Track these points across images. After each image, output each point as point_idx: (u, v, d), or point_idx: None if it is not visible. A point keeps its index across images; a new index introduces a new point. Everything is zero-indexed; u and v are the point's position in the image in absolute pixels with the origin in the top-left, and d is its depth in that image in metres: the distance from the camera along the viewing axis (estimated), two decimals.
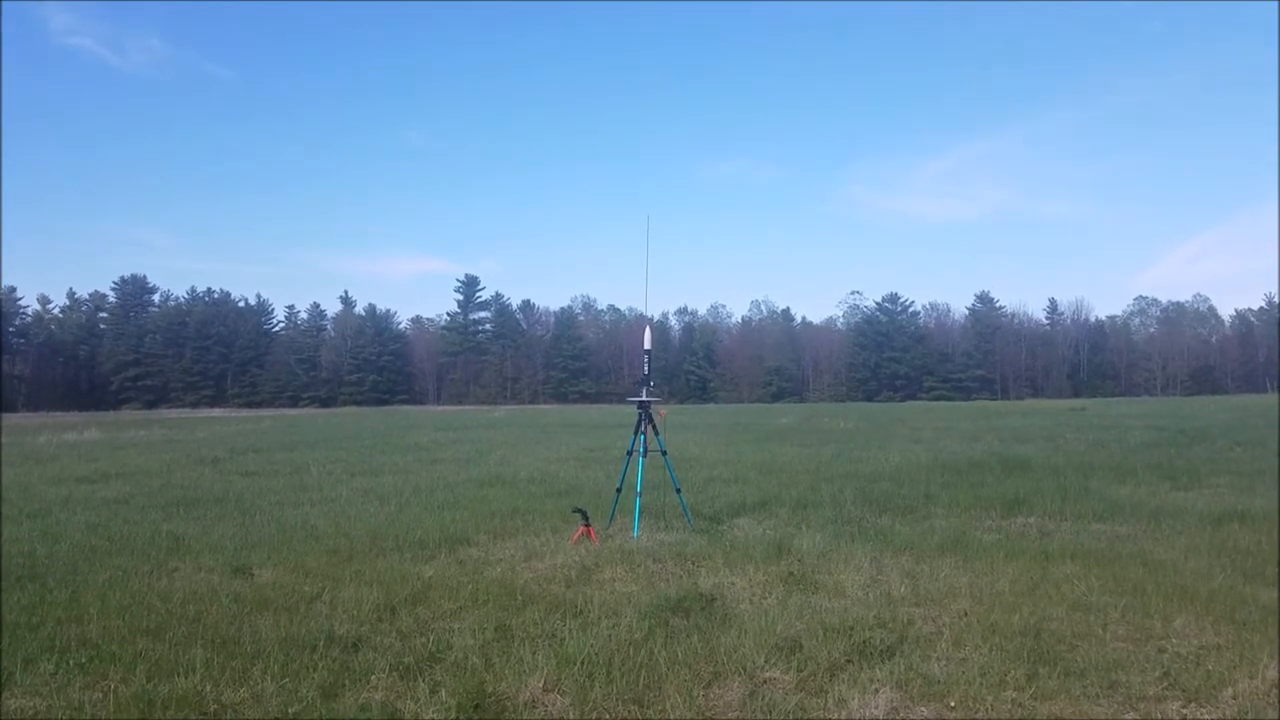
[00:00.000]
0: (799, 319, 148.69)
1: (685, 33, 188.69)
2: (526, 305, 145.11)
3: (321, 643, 5.21)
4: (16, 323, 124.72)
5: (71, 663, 4.94)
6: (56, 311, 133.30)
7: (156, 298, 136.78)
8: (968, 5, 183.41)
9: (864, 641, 5.11)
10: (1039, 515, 9.87)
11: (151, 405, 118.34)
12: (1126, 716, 4.22)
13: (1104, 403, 73.33)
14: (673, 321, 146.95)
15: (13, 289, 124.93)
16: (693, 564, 7.45)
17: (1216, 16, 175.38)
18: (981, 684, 4.52)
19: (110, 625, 5.69)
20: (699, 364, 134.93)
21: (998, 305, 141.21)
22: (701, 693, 4.52)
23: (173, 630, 5.56)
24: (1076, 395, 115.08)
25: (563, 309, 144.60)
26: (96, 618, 5.85)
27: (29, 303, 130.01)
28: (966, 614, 5.75)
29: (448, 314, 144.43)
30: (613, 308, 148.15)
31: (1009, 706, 4.31)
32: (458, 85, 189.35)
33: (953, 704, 4.35)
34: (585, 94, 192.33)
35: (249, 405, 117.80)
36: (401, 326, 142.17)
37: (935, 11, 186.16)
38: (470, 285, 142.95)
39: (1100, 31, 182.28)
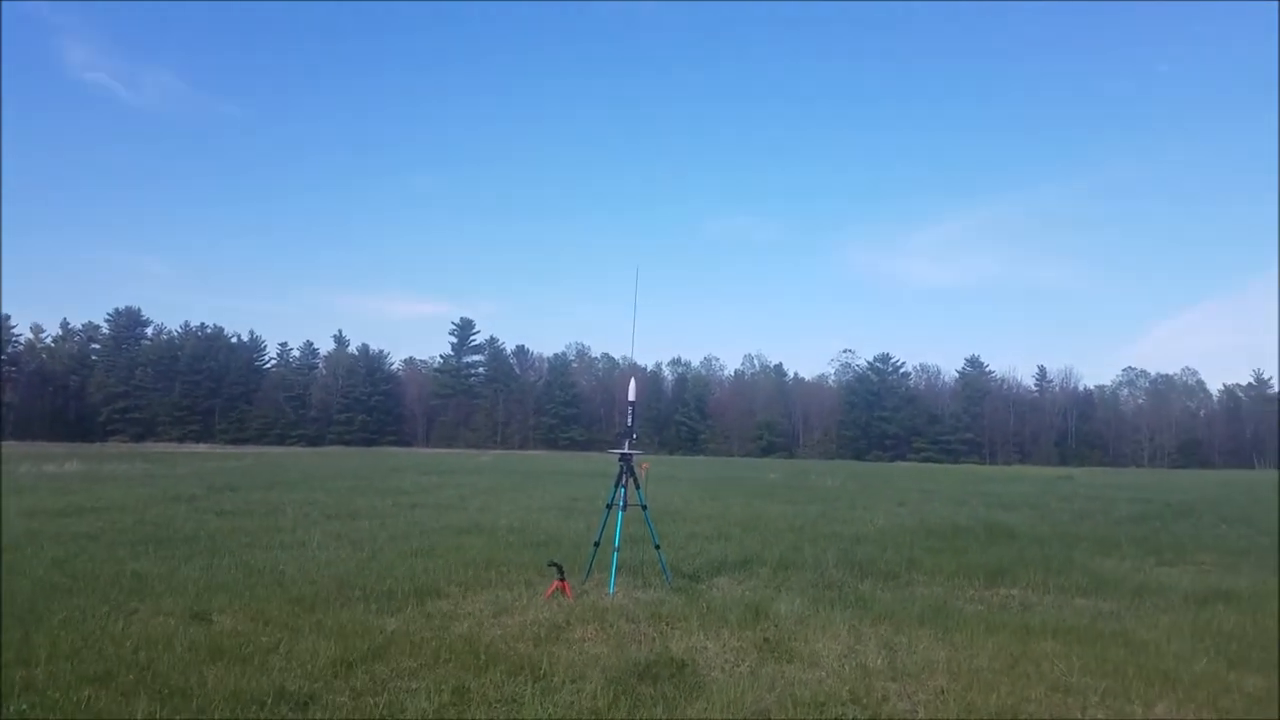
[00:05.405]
0: (791, 374, 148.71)
1: (694, 93, 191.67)
2: (520, 350, 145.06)
3: (270, 699, 5.02)
4: (9, 350, 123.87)
5: (11, 710, 4.72)
6: (49, 341, 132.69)
7: (149, 330, 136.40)
8: (971, 75, 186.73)
9: (835, 719, 4.93)
10: (1022, 587, 9.70)
11: (139, 438, 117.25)
12: None
13: (1091, 471, 73.23)
14: (666, 372, 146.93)
15: (7, 316, 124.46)
16: (667, 625, 7.25)
17: (1211, 93, 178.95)
18: None
19: (58, 670, 5.49)
20: (690, 415, 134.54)
21: (987, 369, 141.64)
22: None
23: (121, 678, 5.36)
24: (1064, 463, 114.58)
25: (556, 355, 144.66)
26: (45, 661, 5.64)
27: (22, 331, 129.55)
28: (944, 692, 5.56)
29: (441, 356, 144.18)
30: (607, 356, 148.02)
31: None
32: (465, 132, 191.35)
33: None
34: (591, 144, 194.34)
35: (235, 441, 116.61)
36: (394, 367, 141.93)
37: (937, 80, 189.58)
38: (465, 328, 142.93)
39: (1096, 106, 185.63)
